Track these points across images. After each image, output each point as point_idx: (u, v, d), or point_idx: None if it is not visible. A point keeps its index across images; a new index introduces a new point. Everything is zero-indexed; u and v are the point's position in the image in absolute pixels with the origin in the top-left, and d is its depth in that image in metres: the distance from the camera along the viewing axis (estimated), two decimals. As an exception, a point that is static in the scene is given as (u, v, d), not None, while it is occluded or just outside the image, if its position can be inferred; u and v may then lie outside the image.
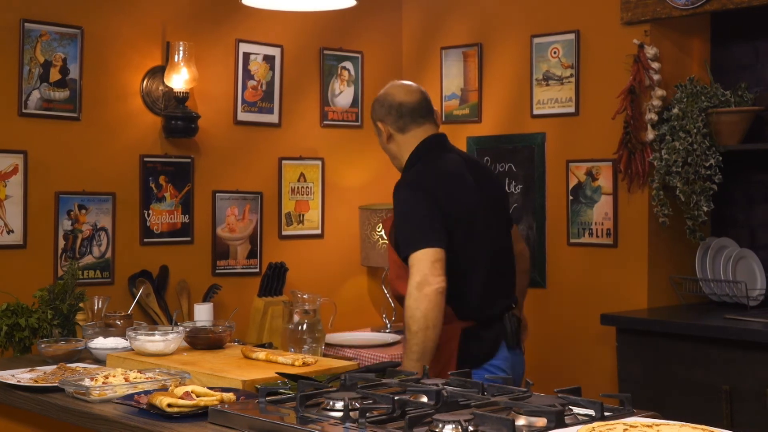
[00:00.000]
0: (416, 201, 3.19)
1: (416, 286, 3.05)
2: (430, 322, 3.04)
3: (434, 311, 3.04)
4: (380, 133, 3.42)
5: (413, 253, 3.10)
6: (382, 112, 3.40)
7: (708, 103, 4.36)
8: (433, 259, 3.08)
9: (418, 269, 3.07)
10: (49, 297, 3.44)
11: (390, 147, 3.42)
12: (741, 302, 4.36)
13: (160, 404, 2.26)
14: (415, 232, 3.14)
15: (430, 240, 3.11)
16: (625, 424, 1.93)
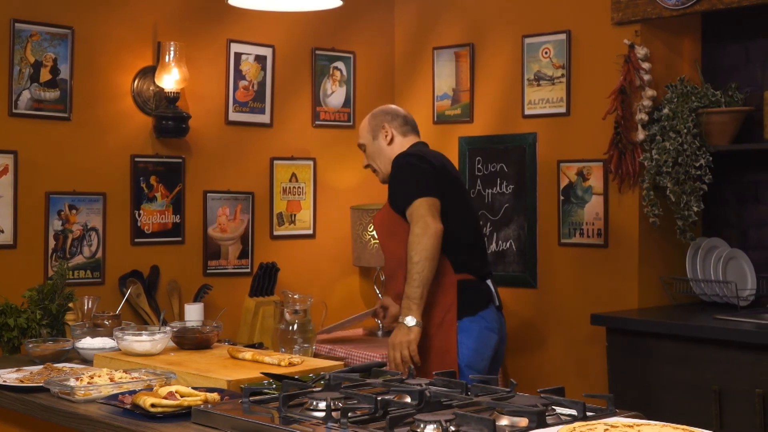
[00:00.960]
0: (412, 162, 3.66)
1: (418, 231, 3.49)
2: (429, 254, 3.48)
3: (434, 246, 3.49)
4: (382, 137, 3.85)
5: (412, 201, 3.54)
6: (387, 117, 3.88)
7: (698, 103, 4.36)
8: (430, 204, 3.54)
9: (418, 215, 3.52)
10: (38, 297, 3.44)
11: (386, 150, 3.84)
12: (731, 302, 4.37)
13: (144, 404, 2.26)
14: (411, 185, 3.59)
15: (425, 190, 3.56)
16: (606, 424, 1.94)
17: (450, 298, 3.63)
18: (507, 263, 5.00)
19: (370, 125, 3.89)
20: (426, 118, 5.36)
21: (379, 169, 3.88)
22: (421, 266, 3.48)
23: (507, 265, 5.00)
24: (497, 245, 5.04)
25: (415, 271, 3.49)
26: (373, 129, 3.88)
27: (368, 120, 3.91)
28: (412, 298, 3.48)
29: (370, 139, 3.88)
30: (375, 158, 3.88)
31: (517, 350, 4.99)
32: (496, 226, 5.05)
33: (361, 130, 3.94)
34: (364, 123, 3.93)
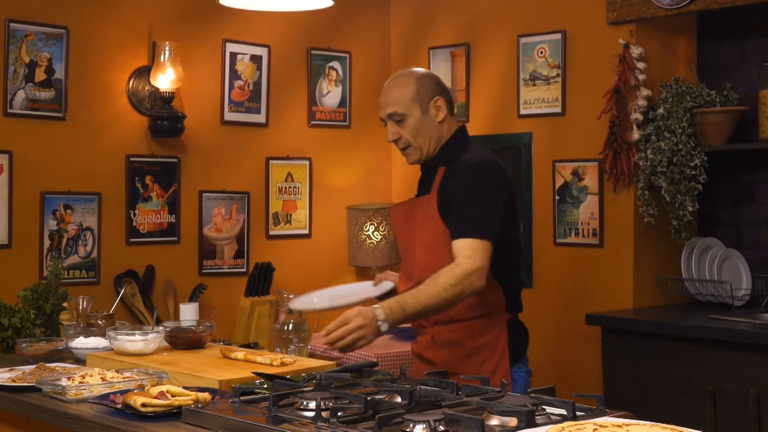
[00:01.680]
0: (493, 188, 3.05)
1: (473, 273, 2.89)
2: (458, 300, 2.93)
3: (464, 297, 2.93)
4: (433, 110, 3.15)
5: (479, 238, 2.93)
6: (439, 88, 3.19)
7: (693, 103, 4.36)
8: (490, 255, 2.95)
9: (480, 257, 2.91)
10: (33, 297, 3.44)
11: (436, 128, 3.16)
12: (726, 302, 4.37)
13: (135, 404, 2.26)
14: (485, 218, 2.98)
15: (492, 233, 2.97)
16: (595, 423, 1.94)
17: (502, 340, 3.13)
18: (502, 263, 5.00)
19: (419, 93, 3.14)
20: (422, 118, 5.35)
21: (420, 147, 3.17)
22: (443, 307, 2.94)
23: (502, 264, 4.99)
24: (493, 245, 5.03)
25: (434, 298, 2.90)
26: (422, 98, 3.14)
27: (414, 85, 3.16)
28: (408, 312, 2.90)
29: (417, 111, 3.13)
30: (418, 134, 3.15)
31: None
32: (492, 225, 5.04)
33: (400, 96, 3.16)
34: (407, 89, 3.16)
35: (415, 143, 3.16)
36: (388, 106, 3.18)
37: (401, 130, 3.16)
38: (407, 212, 3.21)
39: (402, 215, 3.24)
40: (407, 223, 3.20)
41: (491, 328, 3.11)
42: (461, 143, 3.18)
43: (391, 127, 3.18)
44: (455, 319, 3.11)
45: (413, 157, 3.20)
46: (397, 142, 3.19)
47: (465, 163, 3.07)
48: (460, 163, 3.08)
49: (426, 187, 3.18)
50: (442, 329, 3.14)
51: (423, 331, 3.20)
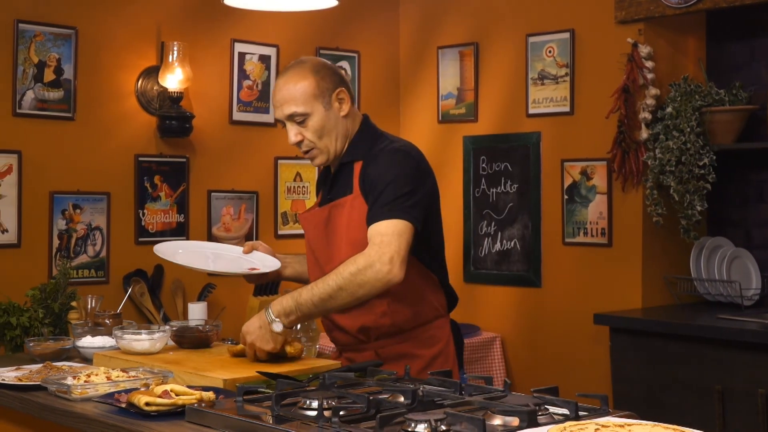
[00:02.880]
0: (415, 173, 2.77)
1: (379, 260, 2.59)
2: (362, 296, 2.64)
3: (373, 293, 2.64)
4: (336, 104, 2.82)
5: (395, 219, 2.64)
6: (337, 78, 2.85)
7: (702, 102, 4.35)
8: (408, 238, 2.64)
9: (390, 242, 2.60)
10: (41, 296, 3.45)
11: (342, 124, 2.84)
12: (735, 302, 4.35)
13: (138, 403, 2.26)
14: (403, 200, 2.68)
15: (413, 216, 2.68)
16: (597, 423, 1.93)
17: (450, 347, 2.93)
18: (511, 262, 5.00)
19: (319, 86, 2.79)
20: (430, 118, 5.36)
21: (326, 147, 2.83)
22: (344, 298, 2.63)
23: (511, 264, 5.00)
24: (501, 244, 5.03)
25: (331, 288, 2.62)
26: (323, 92, 2.79)
27: (312, 78, 2.80)
28: (303, 306, 2.64)
29: (320, 108, 2.79)
30: (323, 133, 2.80)
31: (520, 349, 4.99)
32: (501, 225, 5.04)
33: (299, 92, 2.78)
34: (306, 84, 2.79)
35: (320, 144, 2.82)
36: (286, 105, 2.80)
37: (304, 131, 2.81)
38: (326, 217, 2.86)
39: (320, 220, 2.88)
40: (327, 228, 2.86)
41: (440, 334, 2.88)
42: (372, 134, 2.89)
43: (291, 128, 2.82)
44: (403, 329, 2.83)
45: (320, 159, 2.86)
46: (299, 144, 2.84)
47: (384, 151, 2.80)
48: (379, 151, 2.80)
49: (343, 187, 2.85)
50: (388, 342, 2.84)
51: (361, 347, 2.88)
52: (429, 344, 2.86)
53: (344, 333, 2.90)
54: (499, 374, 4.87)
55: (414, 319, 2.85)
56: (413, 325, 2.85)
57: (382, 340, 2.85)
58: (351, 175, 2.83)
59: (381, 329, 2.83)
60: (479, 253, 5.14)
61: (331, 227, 2.85)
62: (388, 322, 2.82)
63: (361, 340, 2.87)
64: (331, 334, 2.99)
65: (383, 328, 2.83)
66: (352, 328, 2.86)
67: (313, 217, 2.93)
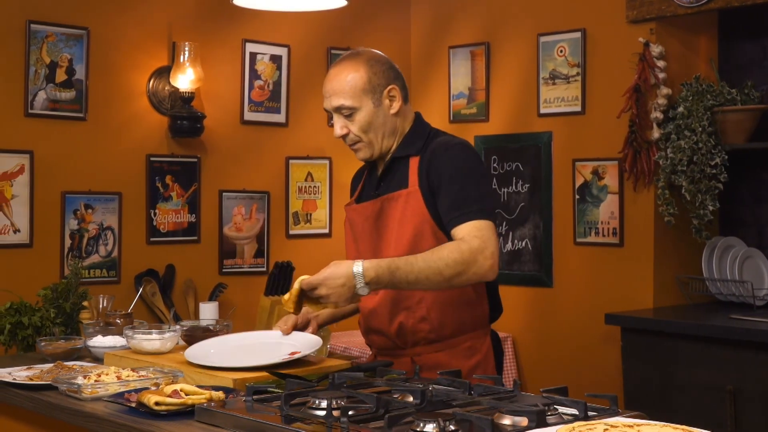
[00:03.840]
0: (478, 165, 2.72)
1: (482, 252, 2.52)
2: (453, 285, 2.57)
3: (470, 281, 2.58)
4: (387, 101, 2.75)
5: (484, 219, 2.58)
6: (392, 73, 2.77)
7: (714, 101, 4.33)
8: (496, 235, 2.61)
9: (489, 237, 2.55)
10: (53, 296, 3.46)
11: (391, 121, 2.77)
12: (747, 302, 4.34)
13: (148, 402, 2.27)
14: (485, 198, 2.64)
15: (494, 215, 2.66)
16: (606, 423, 1.93)
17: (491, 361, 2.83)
18: (522, 262, 4.99)
19: (370, 81, 2.72)
20: (442, 117, 5.35)
21: (371, 142, 2.77)
22: (439, 282, 2.55)
23: (522, 264, 4.99)
24: (513, 244, 5.03)
25: (431, 270, 2.51)
26: (374, 88, 2.72)
27: (365, 72, 2.73)
28: (398, 279, 2.52)
29: (369, 103, 2.72)
30: (369, 129, 2.74)
31: (532, 349, 4.98)
32: (512, 225, 5.04)
33: (349, 86, 2.72)
34: (357, 78, 2.72)
35: (365, 139, 2.75)
36: (334, 97, 2.73)
37: (350, 125, 2.74)
38: (377, 210, 2.79)
39: (371, 213, 2.81)
40: (377, 222, 2.79)
41: (479, 345, 2.79)
42: (426, 131, 2.83)
43: (338, 120, 2.76)
44: (442, 337, 2.74)
45: (363, 153, 2.80)
46: (345, 137, 2.78)
47: (448, 144, 2.73)
48: (440, 144, 2.73)
49: (397, 181, 2.78)
50: (425, 350, 2.75)
51: (397, 353, 2.79)
52: (467, 355, 2.76)
53: (381, 335, 2.82)
54: (510, 374, 4.87)
55: (454, 326, 2.75)
56: (452, 334, 2.76)
57: (420, 346, 2.76)
58: (406, 170, 2.77)
59: (419, 334, 2.74)
60: (490, 253, 5.12)
61: (382, 221, 2.79)
62: (428, 327, 2.73)
63: (397, 344, 2.78)
64: (368, 337, 2.90)
65: (421, 332, 2.74)
66: (389, 331, 2.77)
67: (364, 210, 2.84)
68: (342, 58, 2.80)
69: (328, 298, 2.55)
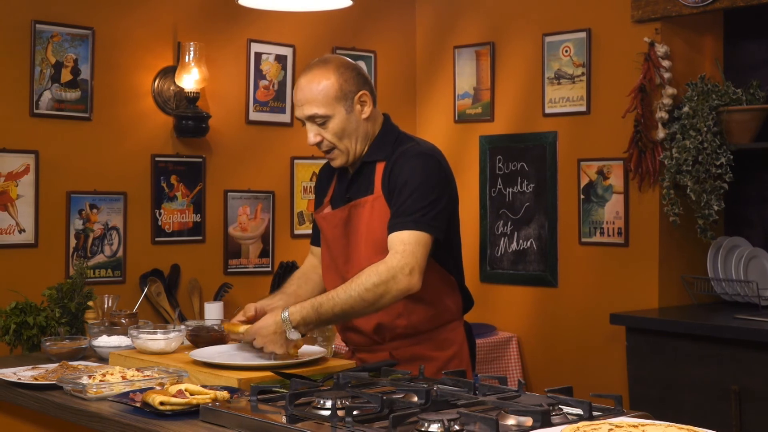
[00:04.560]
0: (440, 178, 2.76)
1: (401, 270, 2.59)
2: (380, 306, 2.64)
3: (390, 302, 2.64)
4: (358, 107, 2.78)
5: (417, 230, 2.64)
6: (362, 79, 2.80)
7: (719, 101, 4.33)
8: (427, 249, 2.66)
9: (412, 252, 2.61)
10: (58, 296, 3.46)
11: (363, 126, 2.80)
12: (752, 302, 4.33)
13: (153, 402, 2.27)
14: (427, 210, 2.68)
15: (435, 227, 2.68)
16: (610, 423, 1.93)
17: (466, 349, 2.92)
18: (527, 262, 4.99)
19: (341, 89, 2.74)
20: (447, 117, 5.36)
21: (346, 149, 2.80)
22: (365, 308, 2.63)
23: (527, 264, 4.99)
24: (518, 244, 5.03)
25: (353, 299, 2.61)
26: (346, 95, 2.75)
27: (335, 79, 2.74)
28: (323, 316, 2.63)
29: (341, 110, 2.75)
30: (343, 135, 2.77)
31: (537, 349, 4.98)
32: (517, 225, 5.03)
33: (321, 94, 2.73)
34: (328, 85, 2.73)
35: (341, 146, 2.79)
36: (307, 106, 2.75)
37: (324, 132, 2.77)
38: (345, 218, 2.84)
39: (339, 221, 2.86)
40: (347, 228, 2.84)
41: (454, 336, 2.86)
42: (394, 134, 2.86)
43: (311, 128, 2.78)
44: (419, 331, 2.82)
45: (340, 161, 2.84)
46: (319, 145, 2.81)
47: (409, 153, 2.77)
48: (403, 153, 2.77)
49: (364, 186, 2.83)
50: (403, 344, 2.82)
51: (375, 348, 2.86)
52: (444, 346, 2.85)
53: (359, 333, 2.89)
54: (515, 374, 4.87)
55: (430, 320, 2.84)
56: (429, 327, 2.84)
57: (397, 341, 2.83)
58: (372, 175, 2.81)
59: (396, 330, 2.82)
60: (495, 253, 5.13)
61: (350, 227, 2.83)
62: (404, 323, 2.81)
63: (375, 340, 2.86)
64: (345, 335, 2.98)
65: (399, 329, 2.82)
66: (367, 328, 2.84)
67: (333, 218, 2.89)
68: (310, 67, 2.81)
69: (265, 348, 2.66)
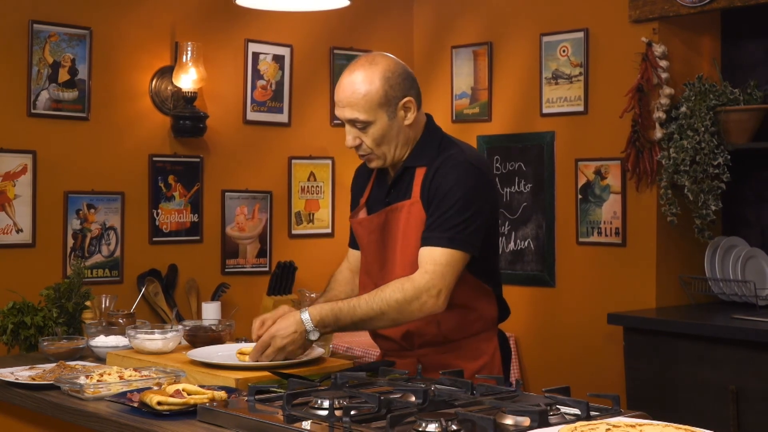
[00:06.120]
0: (481, 190, 2.67)
1: (427, 291, 2.55)
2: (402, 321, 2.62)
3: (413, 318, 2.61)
4: (402, 113, 2.67)
5: (451, 248, 2.57)
6: (408, 83, 2.67)
7: (716, 101, 4.33)
8: (461, 268, 2.60)
9: (443, 273, 2.56)
10: (55, 295, 3.46)
11: (405, 131, 2.70)
12: (750, 302, 4.34)
13: (150, 402, 2.27)
14: (465, 226, 2.60)
15: (470, 245, 2.61)
16: (608, 423, 1.93)
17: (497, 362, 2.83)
18: (525, 262, 4.99)
19: (386, 95, 2.62)
20: (444, 117, 5.35)
21: (383, 154, 2.71)
22: (384, 322, 2.61)
23: (525, 264, 4.99)
24: (515, 244, 5.03)
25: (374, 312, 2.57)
26: (390, 101, 2.63)
27: (381, 85, 2.62)
28: (342, 324, 2.61)
29: (384, 117, 2.64)
30: (382, 142, 2.68)
31: (534, 349, 4.98)
32: (514, 224, 5.03)
33: (364, 99, 2.63)
34: (372, 90, 2.62)
35: (378, 151, 2.69)
36: (348, 109, 2.65)
37: (363, 136, 2.67)
38: (382, 221, 2.77)
39: (376, 226, 2.79)
40: (382, 234, 2.77)
41: (486, 347, 2.78)
42: (437, 138, 2.77)
43: (350, 131, 2.68)
44: (449, 339, 2.74)
45: (376, 163, 2.74)
46: (357, 148, 2.71)
47: (453, 160, 2.67)
48: (446, 159, 2.68)
49: (403, 191, 2.75)
50: (431, 351, 2.75)
51: (403, 354, 2.78)
52: (473, 357, 2.75)
53: (387, 340, 2.83)
54: (512, 374, 4.86)
55: (462, 329, 2.74)
56: (460, 336, 2.75)
57: (426, 348, 2.75)
58: (412, 179, 2.73)
59: (426, 336, 2.74)
60: (493, 253, 5.13)
61: (386, 231, 2.77)
62: (434, 331, 2.72)
63: (403, 346, 2.78)
64: (375, 339, 2.92)
65: (428, 335, 2.73)
66: (395, 334, 2.77)
67: (369, 223, 2.81)
68: (356, 66, 2.69)
69: (284, 348, 2.61)
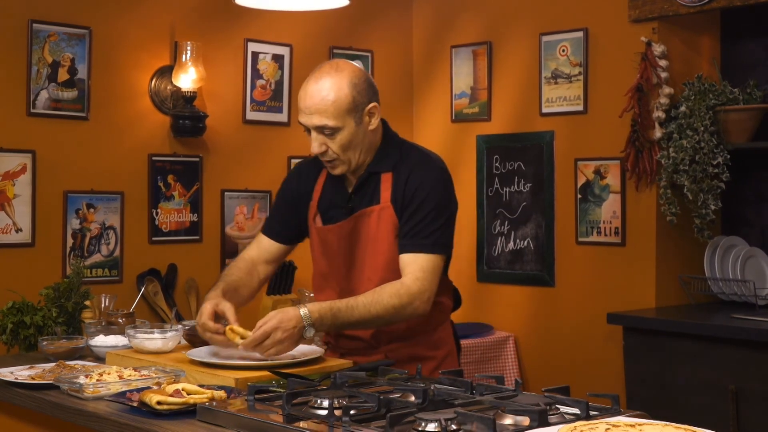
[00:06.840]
0: (449, 196, 2.81)
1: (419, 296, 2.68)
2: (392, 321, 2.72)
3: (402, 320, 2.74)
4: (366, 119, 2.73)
5: (435, 254, 2.71)
6: (372, 90, 2.75)
7: (716, 101, 4.33)
8: (440, 273, 2.75)
9: (429, 279, 2.70)
10: (55, 295, 3.46)
11: (370, 137, 2.77)
12: (750, 301, 4.34)
13: (150, 401, 2.27)
14: (444, 232, 2.75)
15: (449, 248, 2.78)
16: (608, 423, 1.93)
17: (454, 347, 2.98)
18: (524, 262, 4.99)
19: (354, 101, 2.68)
20: (444, 117, 5.36)
21: (348, 159, 2.75)
22: (378, 324, 2.73)
23: (524, 263, 4.99)
24: (515, 244, 5.03)
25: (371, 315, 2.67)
26: (357, 107, 2.69)
27: (349, 91, 2.67)
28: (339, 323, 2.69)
29: (351, 123, 2.69)
30: (348, 147, 2.72)
31: (534, 349, 4.98)
32: (514, 224, 5.03)
33: (333, 106, 2.66)
34: (341, 96, 2.66)
35: (344, 157, 2.73)
36: (317, 116, 2.67)
37: (329, 143, 2.70)
38: (351, 227, 2.81)
39: (345, 232, 2.82)
40: (350, 240, 2.82)
41: (446, 335, 2.93)
42: (397, 142, 2.85)
43: (316, 138, 2.70)
44: (416, 333, 2.85)
45: (340, 170, 2.77)
46: (322, 155, 2.73)
47: (423, 164, 2.78)
48: (415, 166, 2.77)
49: (367, 197, 2.81)
50: (399, 346, 2.85)
51: (370, 352, 2.86)
52: (438, 346, 2.90)
53: (354, 340, 2.89)
54: (512, 374, 4.87)
55: (427, 321, 2.85)
56: (425, 328, 2.87)
57: (394, 343, 2.86)
58: (377, 185, 2.78)
59: (395, 333, 2.84)
60: (492, 253, 5.13)
61: (355, 237, 2.81)
62: (404, 326, 2.82)
63: (371, 344, 2.87)
64: (337, 341, 2.96)
65: (398, 331, 2.83)
66: (364, 334, 2.85)
67: (340, 230, 2.84)
68: (322, 73, 2.71)
69: (282, 342, 2.63)
